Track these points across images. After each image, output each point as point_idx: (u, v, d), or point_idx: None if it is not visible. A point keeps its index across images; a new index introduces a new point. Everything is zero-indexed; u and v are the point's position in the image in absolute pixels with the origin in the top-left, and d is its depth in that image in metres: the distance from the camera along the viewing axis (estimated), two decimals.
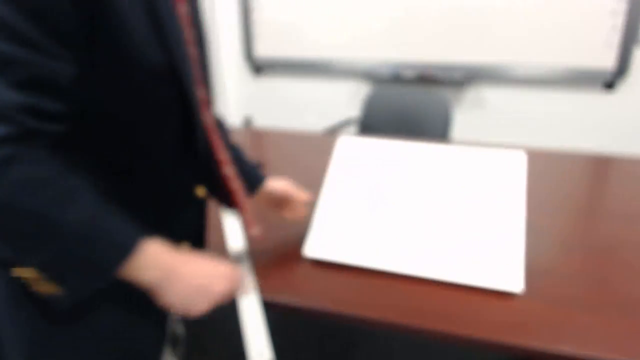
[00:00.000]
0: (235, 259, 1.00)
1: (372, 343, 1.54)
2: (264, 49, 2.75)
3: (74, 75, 0.54)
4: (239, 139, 1.82)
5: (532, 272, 0.92)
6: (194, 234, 0.78)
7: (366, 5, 2.50)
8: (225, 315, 0.79)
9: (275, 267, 0.97)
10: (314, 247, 0.98)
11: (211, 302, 0.66)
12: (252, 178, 0.95)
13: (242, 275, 0.72)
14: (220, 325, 1.57)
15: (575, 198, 1.27)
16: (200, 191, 0.73)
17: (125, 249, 0.59)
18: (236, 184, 0.81)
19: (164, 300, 0.63)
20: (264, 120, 3.00)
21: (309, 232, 1.01)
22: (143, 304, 0.65)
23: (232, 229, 1.03)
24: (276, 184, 0.97)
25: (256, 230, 0.89)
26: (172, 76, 0.61)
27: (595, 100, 2.39)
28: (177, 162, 0.68)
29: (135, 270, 0.59)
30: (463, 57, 2.46)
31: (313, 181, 1.32)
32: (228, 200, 0.87)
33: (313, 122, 2.88)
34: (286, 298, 0.88)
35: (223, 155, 0.77)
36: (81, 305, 0.62)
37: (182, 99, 0.64)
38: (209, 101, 0.73)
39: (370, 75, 2.62)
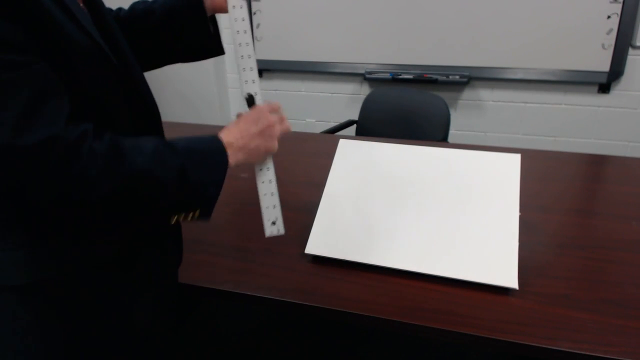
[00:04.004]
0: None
1: (371, 341, 1.56)
2: (265, 52, 2.77)
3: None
4: None
5: (528, 271, 0.94)
6: None
7: (366, 8, 2.53)
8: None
9: (277, 265, 0.99)
10: (316, 245, 1.01)
11: (277, 135, 0.79)
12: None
13: (274, 105, 0.82)
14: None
15: (571, 198, 1.29)
16: None
17: (223, 156, 0.72)
18: None
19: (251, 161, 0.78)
20: None
21: (311, 230, 1.03)
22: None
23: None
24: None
25: None
26: (101, 54, 0.65)
27: (590, 102, 2.42)
28: (135, 128, 0.73)
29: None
30: (462, 59, 2.48)
31: (314, 181, 1.35)
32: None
33: (313, 123, 2.90)
34: (288, 296, 0.90)
35: None
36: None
37: (116, 72, 0.68)
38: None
39: (369, 77, 2.64)
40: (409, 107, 2.17)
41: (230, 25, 0.82)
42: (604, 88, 2.35)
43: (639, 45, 2.23)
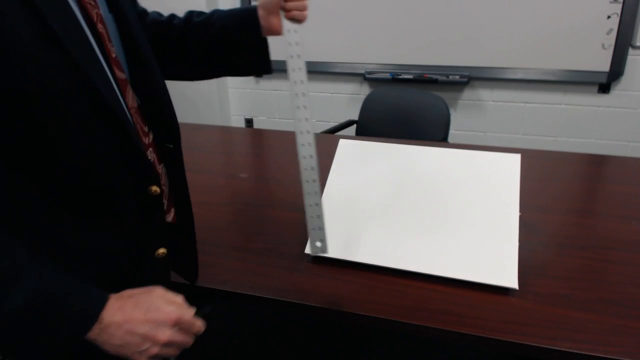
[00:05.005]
0: None
1: (371, 341, 1.56)
2: None
3: None
4: (240, 140, 1.85)
5: (528, 271, 0.94)
6: (156, 227, 0.73)
7: (366, 9, 2.53)
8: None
9: (277, 265, 0.99)
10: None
11: (156, 352, 0.59)
12: (246, 16, 0.86)
13: (190, 318, 0.64)
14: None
15: (571, 198, 1.29)
16: (155, 189, 0.69)
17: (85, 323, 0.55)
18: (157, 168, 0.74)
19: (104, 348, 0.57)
20: (265, 121, 3.02)
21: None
22: None
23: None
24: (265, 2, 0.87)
25: None
26: (76, 74, 0.55)
27: (590, 102, 2.42)
28: (123, 163, 0.64)
29: None
30: (462, 59, 2.48)
31: None
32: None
33: (313, 123, 2.91)
34: (288, 296, 0.90)
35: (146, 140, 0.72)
36: None
37: (99, 97, 0.58)
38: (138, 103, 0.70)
39: (369, 77, 2.64)
40: (409, 107, 2.17)
41: (284, 49, 0.83)
42: (604, 88, 2.36)
43: (639, 45, 2.23)
